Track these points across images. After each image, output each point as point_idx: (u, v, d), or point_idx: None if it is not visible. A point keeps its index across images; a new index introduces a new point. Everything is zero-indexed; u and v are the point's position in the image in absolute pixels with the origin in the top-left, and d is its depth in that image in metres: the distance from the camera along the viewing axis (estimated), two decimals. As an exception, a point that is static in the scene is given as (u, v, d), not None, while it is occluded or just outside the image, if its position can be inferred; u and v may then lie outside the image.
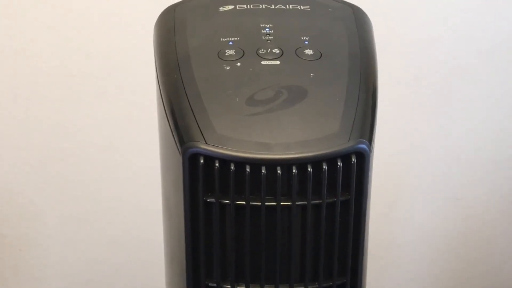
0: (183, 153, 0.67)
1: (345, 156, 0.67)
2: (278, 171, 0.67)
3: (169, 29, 0.77)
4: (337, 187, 0.68)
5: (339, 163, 0.67)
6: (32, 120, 1.29)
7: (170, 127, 0.70)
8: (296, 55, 0.74)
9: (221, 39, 0.75)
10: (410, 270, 1.45)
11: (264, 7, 0.79)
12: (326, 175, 0.67)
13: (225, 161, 0.67)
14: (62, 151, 1.32)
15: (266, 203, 0.68)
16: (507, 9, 1.29)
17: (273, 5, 0.80)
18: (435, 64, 1.32)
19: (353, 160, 0.68)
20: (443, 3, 1.28)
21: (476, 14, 1.29)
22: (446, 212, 1.42)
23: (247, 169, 0.67)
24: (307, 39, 0.76)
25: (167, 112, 0.71)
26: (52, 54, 1.25)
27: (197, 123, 0.68)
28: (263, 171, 0.67)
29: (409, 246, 1.44)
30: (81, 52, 1.26)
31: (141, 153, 1.32)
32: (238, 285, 0.71)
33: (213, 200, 0.68)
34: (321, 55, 0.74)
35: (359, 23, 0.79)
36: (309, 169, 0.67)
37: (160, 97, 0.73)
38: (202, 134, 0.67)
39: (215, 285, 0.70)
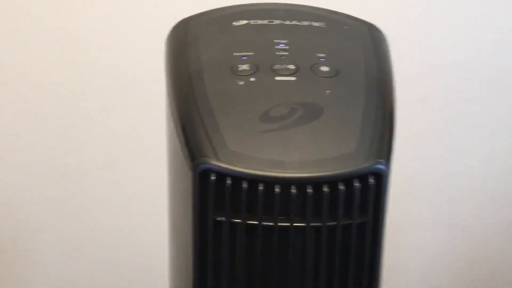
0: (194, 169, 0.66)
1: (362, 177, 0.66)
2: (292, 190, 0.65)
3: (181, 43, 0.76)
4: (353, 209, 0.66)
5: (356, 184, 0.65)
6: (33, 136, 1.30)
7: (181, 143, 0.68)
8: (312, 71, 0.73)
9: (234, 53, 0.74)
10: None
11: (278, 22, 0.78)
12: (342, 196, 0.65)
13: (237, 178, 0.65)
14: (63, 167, 1.32)
15: (279, 224, 0.66)
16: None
17: (287, 21, 0.78)
18: (443, 88, 1.32)
19: (370, 181, 0.66)
20: (454, 31, 1.30)
21: (487, 44, 1.31)
22: (452, 239, 1.42)
23: (260, 188, 0.65)
24: (323, 56, 0.74)
25: (178, 127, 0.69)
26: (57, 70, 1.27)
27: (208, 138, 0.67)
28: (276, 189, 0.65)
29: (416, 272, 1.44)
30: (86, 69, 1.27)
31: (143, 172, 1.33)
32: (248, 309, 0.69)
33: (223, 219, 0.66)
34: (337, 73, 0.73)
35: (375, 41, 0.78)
36: (324, 189, 0.65)
37: (171, 112, 0.71)
38: (213, 150, 0.66)
39: (223, 308, 0.69)
